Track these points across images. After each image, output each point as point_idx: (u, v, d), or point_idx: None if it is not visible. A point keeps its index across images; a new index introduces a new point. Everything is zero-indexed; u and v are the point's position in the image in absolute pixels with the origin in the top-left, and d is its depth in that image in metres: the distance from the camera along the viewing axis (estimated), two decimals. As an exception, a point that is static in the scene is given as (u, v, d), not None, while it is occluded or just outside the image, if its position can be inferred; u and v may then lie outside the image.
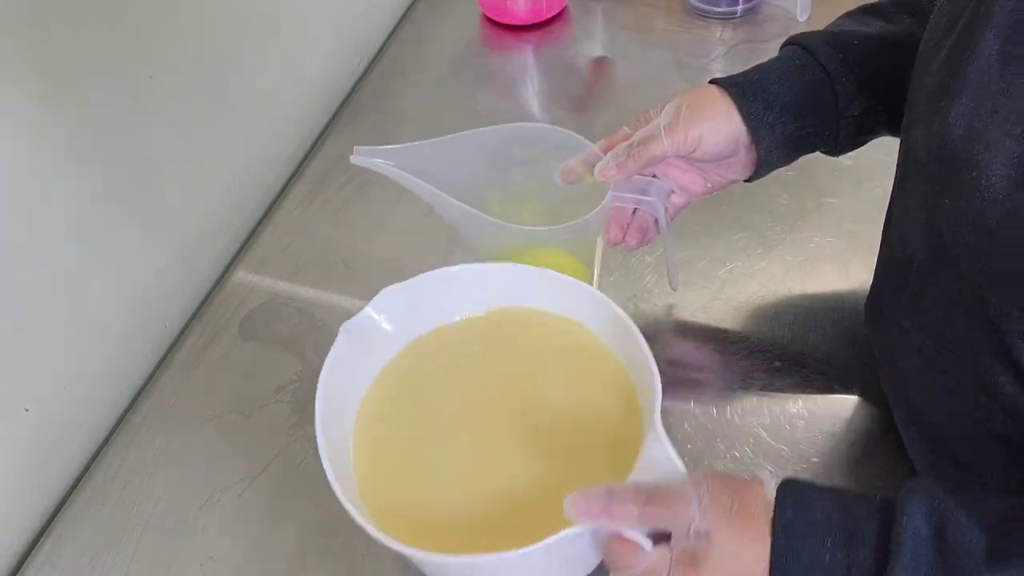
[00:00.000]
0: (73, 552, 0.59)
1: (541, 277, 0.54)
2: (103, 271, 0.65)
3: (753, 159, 0.58)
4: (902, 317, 0.49)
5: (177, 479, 0.62)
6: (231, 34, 0.75)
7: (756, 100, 0.56)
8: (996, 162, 0.38)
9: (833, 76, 0.56)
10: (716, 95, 0.57)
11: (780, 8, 0.96)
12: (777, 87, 0.57)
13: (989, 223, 0.39)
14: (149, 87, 0.66)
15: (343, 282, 0.74)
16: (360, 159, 0.58)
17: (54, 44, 0.56)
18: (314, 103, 0.89)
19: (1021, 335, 0.40)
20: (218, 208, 0.77)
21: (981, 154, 0.39)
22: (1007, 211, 0.38)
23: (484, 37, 0.99)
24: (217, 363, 0.69)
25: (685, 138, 0.56)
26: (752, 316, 0.68)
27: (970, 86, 0.40)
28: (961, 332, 0.44)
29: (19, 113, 0.55)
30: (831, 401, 0.62)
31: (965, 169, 0.40)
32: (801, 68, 0.57)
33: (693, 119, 0.56)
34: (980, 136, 0.39)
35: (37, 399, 0.60)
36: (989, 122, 0.39)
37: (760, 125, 0.56)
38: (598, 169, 0.57)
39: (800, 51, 0.58)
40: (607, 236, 0.62)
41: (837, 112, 0.57)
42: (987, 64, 0.39)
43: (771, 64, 0.59)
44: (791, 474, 0.59)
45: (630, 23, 0.98)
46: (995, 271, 0.40)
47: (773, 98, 0.56)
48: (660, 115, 0.57)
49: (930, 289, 0.46)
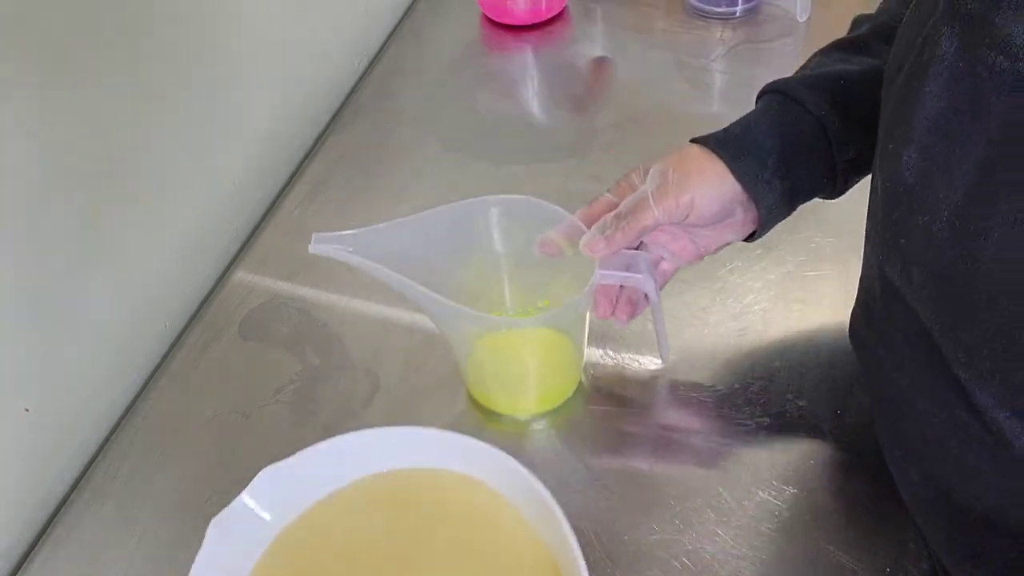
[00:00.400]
0: (73, 552, 0.59)
1: (445, 442, 0.47)
2: (103, 271, 0.65)
3: (752, 218, 0.56)
4: (876, 344, 0.48)
5: (177, 479, 0.62)
6: (231, 34, 0.75)
7: (747, 158, 0.54)
8: (941, 209, 0.38)
9: (824, 121, 0.54)
10: (703, 156, 0.54)
11: (780, 8, 0.96)
12: (767, 141, 0.54)
13: (935, 269, 0.39)
14: (149, 87, 0.66)
15: (343, 282, 0.74)
16: (319, 248, 0.53)
17: (54, 44, 0.56)
18: (314, 103, 0.90)
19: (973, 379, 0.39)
20: (218, 208, 0.77)
21: (930, 200, 0.38)
22: (951, 260, 0.38)
23: (484, 37, 0.99)
24: (217, 363, 0.69)
25: (676, 205, 0.53)
26: (751, 318, 0.68)
27: (918, 132, 0.39)
28: (923, 367, 0.43)
29: (19, 112, 0.55)
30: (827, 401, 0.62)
31: (916, 213, 0.39)
32: (788, 117, 0.55)
33: (683, 184, 0.53)
34: (927, 182, 0.39)
35: (37, 399, 0.60)
36: (935, 169, 0.38)
37: (757, 183, 0.54)
38: (584, 243, 0.54)
39: (783, 99, 0.56)
40: (595, 312, 0.58)
41: (833, 158, 0.55)
42: (933, 110, 0.38)
43: (755, 117, 0.56)
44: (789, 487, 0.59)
45: (630, 23, 0.98)
46: (939, 317, 0.39)
47: (765, 154, 0.54)
48: (646, 181, 0.54)
49: (894, 323, 0.45)
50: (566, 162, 0.82)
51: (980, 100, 0.36)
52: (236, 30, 0.76)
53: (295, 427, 0.64)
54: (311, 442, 0.63)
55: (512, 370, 0.62)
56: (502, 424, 0.63)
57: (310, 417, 0.65)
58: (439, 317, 0.57)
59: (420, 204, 0.79)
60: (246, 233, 0.80)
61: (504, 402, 0.64)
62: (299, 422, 0.64)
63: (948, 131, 0.38)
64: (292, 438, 0.63)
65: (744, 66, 0.91)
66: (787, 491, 0.58)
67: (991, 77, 0.35)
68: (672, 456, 0.60)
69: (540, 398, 0.63)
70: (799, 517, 0.57)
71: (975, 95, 0.36)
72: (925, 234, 0.39)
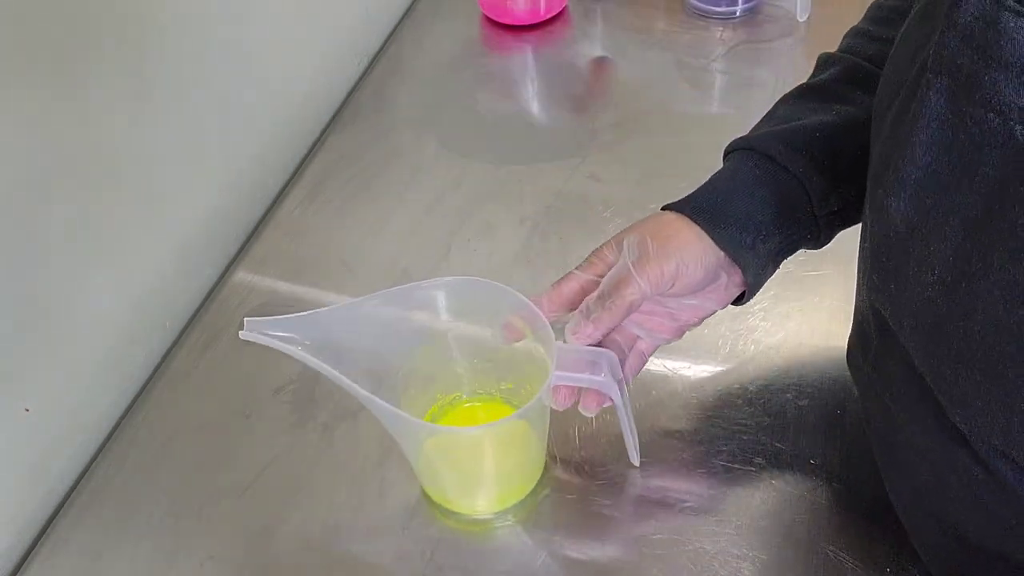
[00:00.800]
0: (73, 552, 0.59)
1: None
2: (103, 271, 0.65)
3: (737, 281, 0.53)
4: (872, 374, 0.47)
5: (177, 479, 0.62)
6: (231, 34, 0.75)
7: (728, 225, 0.51)
8: (933, 263, 0.37)
9: (802, 179, 0.51)
10: (681, 224, 0.51)
11: (780, 8, 0.96)
12: (745, 206, 0.51)
13: (926, 320, 0.38)
14: (149, 87, 0.66)
15: (343, 282, 0.74)
16: (250, 335, 0.49)
17: (54, 44, 0.56)
18: (314, 103, 0.89)
19: (972, 430, 0.38)
20: (218, 208, 0.77)
21: (920, 252, 0.38)
22: (943, 313, 0.37)
23: (484, 37, 0.99)
24: (217, 363, 0.69)
25: (662, 274, 0.49)
26: (751, 320, 0.68)
27: (907, 183, 0.38)
28: (921, 407, 0.42)
29: (19, 113, 0.55)
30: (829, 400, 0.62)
31: (907, 263, 0.39)
32: (764, 177, 0.52)
33: (664, 252, 0.50)
34: (918, 235, 0.38)
35: (37, 399, 0.60)
36: (926, 221, 0.37)
37: (740, 250, 0.51)
38: (570, 331, 0.50)
39: (757, 158, 0.53)
40: (555, 403, 0.52)
41: (814, 213, 0.52)
42: (922, 162, 0.37)
43: (728, 179, 0.53)
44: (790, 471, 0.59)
45: (630, 23, 0.98)
46: (934, 367, 0.39)
47: (745, 218, 0.51)
48: (622, 252, 0.51)
49: (890, 357, 0.44)
50: (566, 162, 0.82)
51: (971, 156, 0.35)
52: (236, 30, 0.76)
53: (295, 427, 0.64)
54: (311, 442, 0.63)
55: (467, 469, 0.58)
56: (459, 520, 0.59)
57: (310, 417, 0.65)
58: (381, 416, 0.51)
59: (420, 204, 0.80)
60: (246, 233, 0.80)
61: (462, 503, 0.59)
62: (299, 422, 0.64)
63: (938, 184, 0.37)
64: (292, 438, 0.64)
65: (744, 66, 0.91)
66: (787, 491, 0.58)
67: (982, 134, 0.34)
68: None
69: (501, 496, 0.59)
70: (799, 517, 0.57)
71: (966, 150, 0.35)
72: (917, 285, 0.38)
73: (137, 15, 0.64)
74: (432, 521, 0.59)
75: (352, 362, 0.51)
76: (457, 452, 0.55)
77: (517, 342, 0.53)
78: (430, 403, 0.61)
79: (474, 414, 0.62)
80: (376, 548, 0.58)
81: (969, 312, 0.36)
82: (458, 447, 0.55)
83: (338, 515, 0.59)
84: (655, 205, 0.55)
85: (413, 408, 0.59)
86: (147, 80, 0.66)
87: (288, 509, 0.60)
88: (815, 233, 0.54)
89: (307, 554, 0.58)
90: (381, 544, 0.58)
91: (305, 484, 0.61)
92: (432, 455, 0.56)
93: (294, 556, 0.58)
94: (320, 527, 0.59)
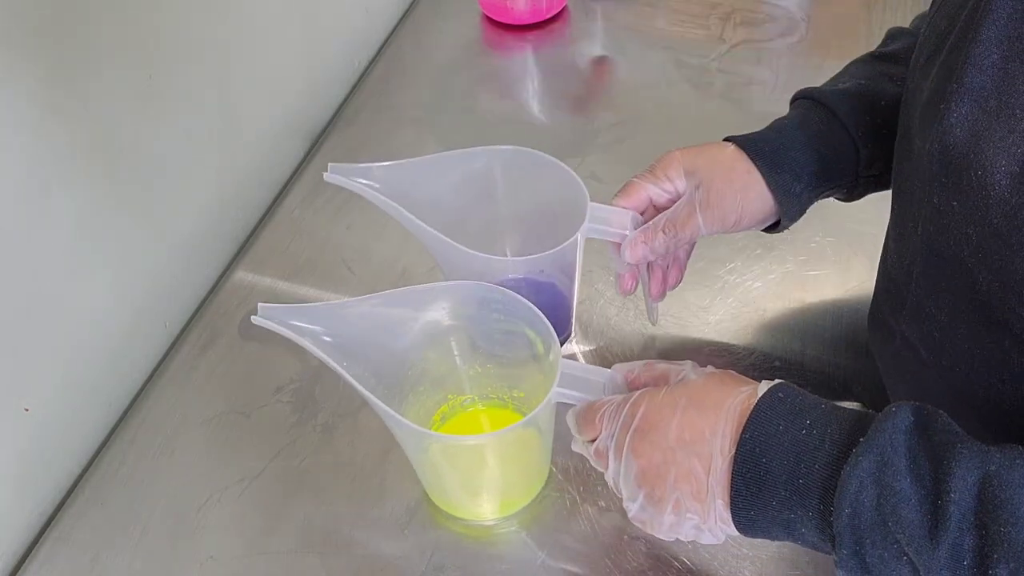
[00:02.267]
0: (73, 552, 0.59)
1: None
2: (103, 271, 0.65)
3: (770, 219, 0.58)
4: (905, 327, 0.49)
5: (177, 479, 0.62)
6: (231, 34, 0.75)
7: (784, 171, 0.55)
8: (1000, 159, 0.38)
9: (858, 142, 0.55)
10: (740, 165, 0.55)
11: (780, 8, 0.96)
12: (803, 156, 0.55)
13: (994, 221, 0.39)
14: (149, 87, 0.66)
15: (343, 282, 0.74)
16: (263, 321, 0.50)
17: (54, 44, 0.56)
18: (314, 102, 0.89)
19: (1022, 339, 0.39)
20: (218, 208, 0.77)
21: (985, 152, 0.39)
22: (1012, 208, 0.38)
23: (484, 37, 0.99)
24: (217, 363, 0.69)
25: (722, 221, 0.55)
26: (752, 318, 0.68)
27: (970, 87, 0.40)
28: (963, 343, 0.43)
29: (19, 113, 0.55)
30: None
31: (970, 169, 0.40)
32: (826, 134, 0.56)
33: (725, 197, 0.54)
34: (983, 135, 0.39)
35: (37, 399, 0.60)
36: (992, 120, 0.39)
37: (788, 197, 0.55)
38: (627, 245, 0.56)
39: (822, 112, 0.57)
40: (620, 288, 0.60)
41: (857, 172, 0.56)
42: (987, 64, 0.39)
43: (792, 126, 0.57)
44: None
45: (630, 23, 0.98)
46: (1001, 270, 0.40)
47: (800, 168, 0.55)
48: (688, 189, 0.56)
49: (931, 299, 0.45)
50: (566, 162, 0.82)
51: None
52: (237, 30, 0.76)
53: (295, 427, 0.64)
54: (311, 442, 0.63)
55: (472, 475, 0.57)
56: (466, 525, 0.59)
57: (310, 417, 0.65)
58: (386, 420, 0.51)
59: (420, 204, 0.79)
60: (246, 233, 0.80)
61: (466, 508, 0.59)
62: (299, 422, 0.64)
63: (1006, 78, 0.38)
64: (292, 438, 0.64)
65: (744, 66, 0.91)
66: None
67: None
68: None
69: (505, 502, 0.59)
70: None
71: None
72: (981, 189, 0.39)
73: (138, 15, 0.64)
74: (432, 521, 0.59)
75: (363, 358, 0.51)
76: (463, 455, 0.55)
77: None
78: (440, 402, 0.61)
79: (479, 420, 0.62)
80: (376, 548, 0.58)
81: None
82: (463, 454, 0.55)
83: (338, 515, 0.59)
84: (655, 205, 0.55)
85: (422, 407, 0.59)
86: (147, 80, 0.66)
87: (288, 509, 0.60)
88: (851, 190, 0.58)
89: (307, 554, 0.58)
90: (381, 544, 0.58)
91: (305, 484, 0.61)
92: (436, 459, 0.56)
93: (294, 556, 0.58)
94: (320, 527, 0.59)
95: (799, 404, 0.42)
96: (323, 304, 0.51)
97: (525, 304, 0.53)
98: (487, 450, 0.54)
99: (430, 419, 0.61)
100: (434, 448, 0.54)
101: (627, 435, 0.45)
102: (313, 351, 0.49)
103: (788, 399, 0.42)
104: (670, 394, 0.45)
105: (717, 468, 0.42)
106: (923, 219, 0.44)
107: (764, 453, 0.40)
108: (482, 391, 0.62)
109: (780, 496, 0.40)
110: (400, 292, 0.54)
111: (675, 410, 0.44)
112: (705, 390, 0.44)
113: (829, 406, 0.42)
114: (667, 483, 0.44)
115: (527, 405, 0.60)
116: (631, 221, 0.57)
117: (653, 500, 0.44)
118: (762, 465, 0.40)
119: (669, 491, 0.44)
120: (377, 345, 0.53)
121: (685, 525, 0.44)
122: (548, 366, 0.52)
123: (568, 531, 0.58)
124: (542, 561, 0.56)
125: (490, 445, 0.54)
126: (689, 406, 0.44)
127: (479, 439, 0.56)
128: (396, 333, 0.55)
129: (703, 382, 0.45)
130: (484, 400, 0.62)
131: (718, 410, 0.43)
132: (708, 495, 0.42)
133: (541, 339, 0.53)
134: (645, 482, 0.44)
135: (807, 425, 0.40)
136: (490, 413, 0.62)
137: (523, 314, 0.53)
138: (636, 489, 0.45)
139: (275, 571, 0.57)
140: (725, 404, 0.43)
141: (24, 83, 0.55)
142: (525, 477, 0.59)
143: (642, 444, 0.44)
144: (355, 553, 0.57)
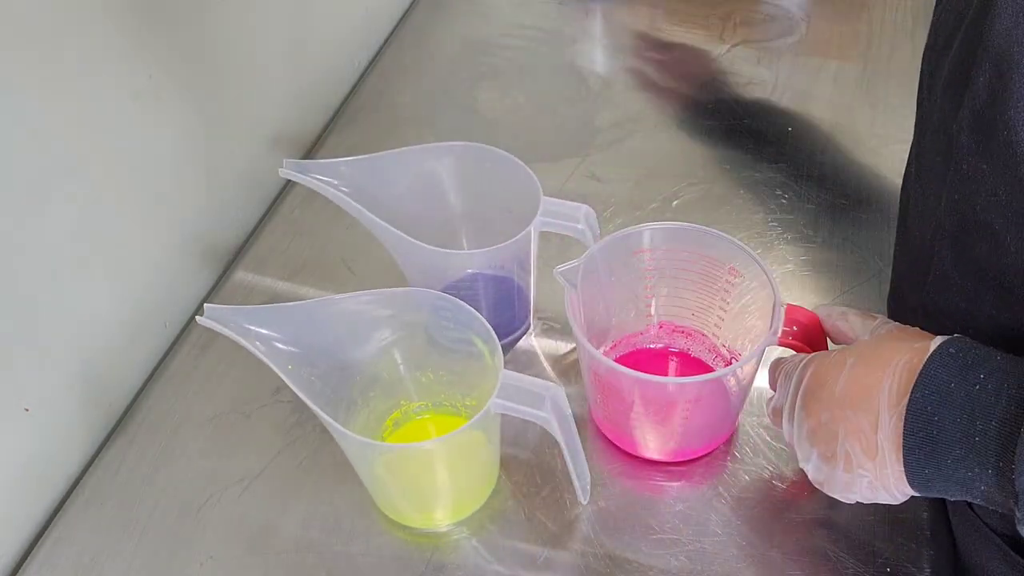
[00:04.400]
0: (73, 552, 0.59)
1: None
2: (103, 271, 0.65)
3: None
4: (928, 300, 0.49)
5: (177, 479, 0.62)
6: (231, 34, 0.75)
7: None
8: (1020, 116, 0.38)
9: None
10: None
11: (780, 8, 0.96)
12: None
13: (1022, 177, 0.39)
14: (149, 87, 0.66)
15: (343, 282, 0.74)
16: (208, 322, 0.49)
17: (54, 43, 0.56)
18: (314, 102, 0.89)
19: None
20: (218, 208, 0.77)
21: (1011, 111, 0.39)
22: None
23: (484, 36, 0.99)
24: (217, 363, 0.69)
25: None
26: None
27: (992, 51, 0.40)
28: (989, 309, 0.44)
29: (19, 113, 0.55)
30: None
31: (997, 129, 0.40)
32: None
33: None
34: (1005, 94, 0.39)
35: (37, 399, 0.60)
36: (1012, 78, 0.39)
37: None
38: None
39: None
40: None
41: None
42: (1002, 28, 0.39)
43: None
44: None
45: (630, 23, 0.98)
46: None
47: None
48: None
49: (956, 268, 0.45)
50: (566, 162, 0.82)
51: None
52: (236, 30, 0.76)
53: (295, 427, 0.64)
54: (311, 441, 0.63)
55: (419, 483, 0.57)
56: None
57: (310, 417, 0.65)
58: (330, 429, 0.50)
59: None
60: (246, 233, 0.80)
61: (415, 517, 0.59)
62: (299, 422, 0.64)
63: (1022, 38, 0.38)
64: (292, 438, 0.64)
65: (744, 66, 0.91)
66: (787, 491, 0.58)
67: None
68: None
69: (456, 507, 0.58)
70: (799, 517, 0.57)
71: None
72: (1007, 148, 0.39)
73: (137, 15, 0.64)
74: (432, 521, 0.59)
75: (310, 362, 0.51)
76: (409, 465, 0.55)
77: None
78: (392, 409, 0.61)
79: (426, 428, 0.62)
80: (376, 548, 0.58)
81: None
82: (409, 458, 0.55)
83: (338, 515, 0.59)
84: (656, 205, 0.55)
85: (372, 413, 0.59)
86: (147, 80, 0.66)
87: (288, 509, 0.60)
88: None
89: (307, 554, 0.58)
90: (381, 544, 0.58)
91: (305, 484, 0.61)
92: (381, 471, 0.55)
93: (294, 556, 0.58)
94: (320, 527, 0.59)
95: (972, 358, 0.41)
96: (271, 306, 0.51)
97: (473, 313, 0.53)
98: (437, 453, 0.54)
99: (382, 425, 0.61)
100: (381, 458, 0.54)
101: (799, 394, 0.46)
102: (256, 354, 0.48)
103: (960, 354, 0.41)
104: (841, 353, 0.45)
105: (886, 425, 0.42)
106: (948, 189, 0.44)
107: (936, 411, 0.40)
108: (435, 399, 0.62)
109: (955, 454, 0.39)
110: (351, 297, 0.54)
111: (843, 368, 0.44)
112: (875, 347, 0.44)
113: (1005, 358, 0.40)
114: (837, 440, 0.44)
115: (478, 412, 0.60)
116: (583, 215, 0.58)
117: (825, 458, 0.45)
118: (934, 424, 0.40)
119: (840, 448, 0.44)
120: (325, 350, 0.53)
121: (860, 483, 0.44)
122: (493, 376, 0.52)
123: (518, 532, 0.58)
124: (545, 558, 0.56)
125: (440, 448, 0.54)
126: (857, 363, 0.44)
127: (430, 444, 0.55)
128: (346, 338, 0.55)
129: (875, 339, 0.45)
130: (437, 408, 0.62)
131: (886, 367, 0.43)
132: (879, 452, 0.42)
133: (488, 348, 0.53)
134: (817, 441, 0.45)
135: (980, 380, 0.39)
136: (440, 421, 0.62)
137: (471, 323, 0.54)
138: (809, 448, 0.46)
139: (275, 571, 0.57)
140: (893, 361, 0.43)
141: (24, 83, 0.55)
142: (473, 483, 0.58)
143: (811, 403, 0.45)
144: (355, 553, 0.57)
